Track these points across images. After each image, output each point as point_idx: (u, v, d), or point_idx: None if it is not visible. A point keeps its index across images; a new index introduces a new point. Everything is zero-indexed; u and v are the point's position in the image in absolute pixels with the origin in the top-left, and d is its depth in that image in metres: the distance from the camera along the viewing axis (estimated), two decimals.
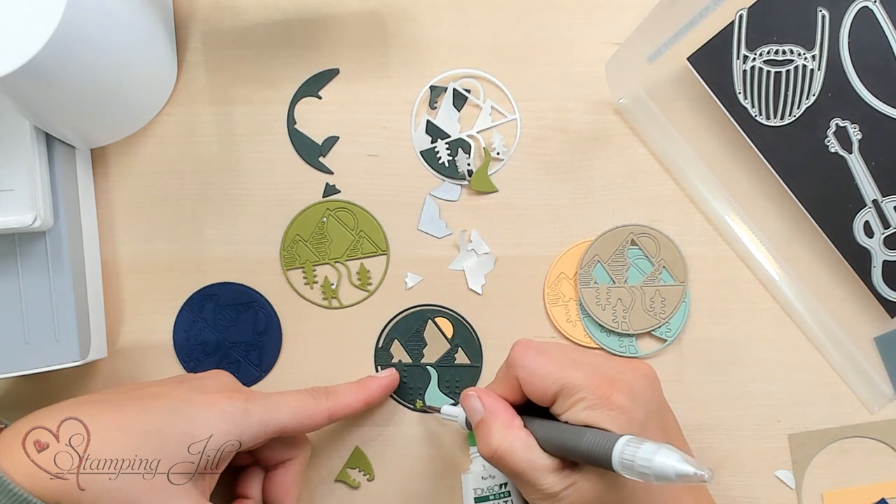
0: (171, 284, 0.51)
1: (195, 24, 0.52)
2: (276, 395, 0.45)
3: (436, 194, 0.51)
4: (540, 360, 0.41)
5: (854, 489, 0.50)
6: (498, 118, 0.51)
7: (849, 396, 0.50)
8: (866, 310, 0.49)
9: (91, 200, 0.51)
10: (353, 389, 0.47)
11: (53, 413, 0.40)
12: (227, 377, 0.46)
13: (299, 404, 0.44)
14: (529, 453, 0.39)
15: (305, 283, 0.51)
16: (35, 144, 0.45)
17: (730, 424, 0.50)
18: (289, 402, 0.44)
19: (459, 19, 0.51)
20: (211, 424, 0.41)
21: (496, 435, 0.40)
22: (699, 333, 0.51)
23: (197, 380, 0.45)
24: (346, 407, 0.46)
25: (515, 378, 0.41)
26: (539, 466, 0.39)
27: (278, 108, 0.52)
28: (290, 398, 0.45)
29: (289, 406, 0.44)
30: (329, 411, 0.45)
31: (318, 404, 0.45)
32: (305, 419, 0.44)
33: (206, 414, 0.41)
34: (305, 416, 0.44)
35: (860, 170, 0.47)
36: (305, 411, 0.44)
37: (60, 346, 0.46)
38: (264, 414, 0.43)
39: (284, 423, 0.44)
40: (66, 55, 0.40)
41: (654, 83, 0.50)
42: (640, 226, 0.51)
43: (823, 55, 0.46)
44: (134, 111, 0.50)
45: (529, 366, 0.41)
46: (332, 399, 0.46)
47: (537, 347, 0.41)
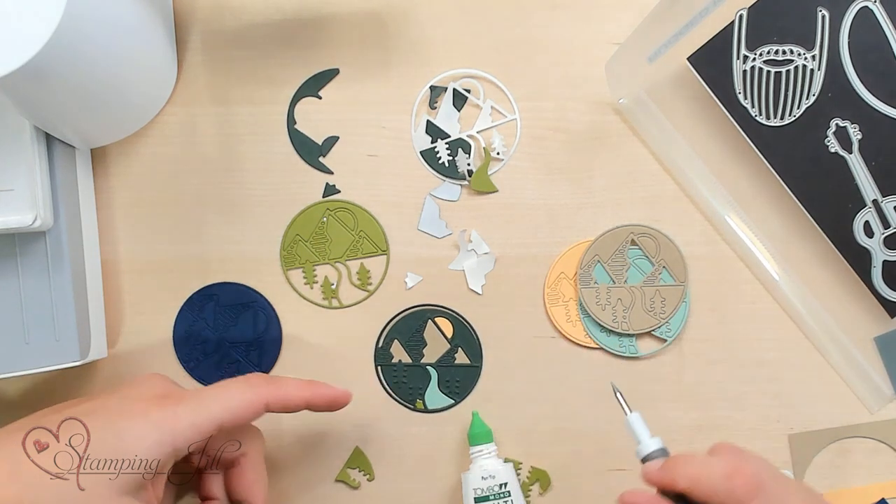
0: (171, 284, 0.51)
1: (195, 24, 0.52)
2: (209, 390, 0.43)
3: (436, 194, 0.51)
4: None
5: (854, 489, 0.50)
6: (498, 118, 0.51)
7: (849, 396, 0.50)
8: (866, 310, 0.49)
9: (91, 200, 0.51)
10: (298, 385, 0.45)
11: (49, 415, 0.40)
12: (159, 381, 0.44)
13: (234, 395, 0.43)
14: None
15: (305, 283, 0.51)
16: (35, 144, 0.45)
17: (730, 424, 0.50)
18: (221, 396, 0.42)
19: (459, 19, 0.51)
20: (142, 437, 0.40)
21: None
22: (699, 333, 0.51)
23: (129, 387, 0.44)
24: (284, 397, 0.44)
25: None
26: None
27: (278, 108, 0.52)
28: (223, 392, 0.43)
29: (221, 401, 0.42)
30: (266, 399, 0.43)
31: (255, 393, 0.43)
32: (241, 411, 0.42)
33: (137, 427, 0.40)
34: (241, 407, 0.42)
35: (860, 170, 0.47)
36: (241, 403, 0.42)
37: (60, 346, 0.46)
38: (195, 415, 0.41)
39: (219, 420, 0.42)
40: (66, 55, 0.40)
41: (654, 83, 0.50)
42: (640, 226, 0.51)
43: (823, 55, 0.46)
44: (134, 111, 0.50)
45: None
46: (272, 386, 0.44)
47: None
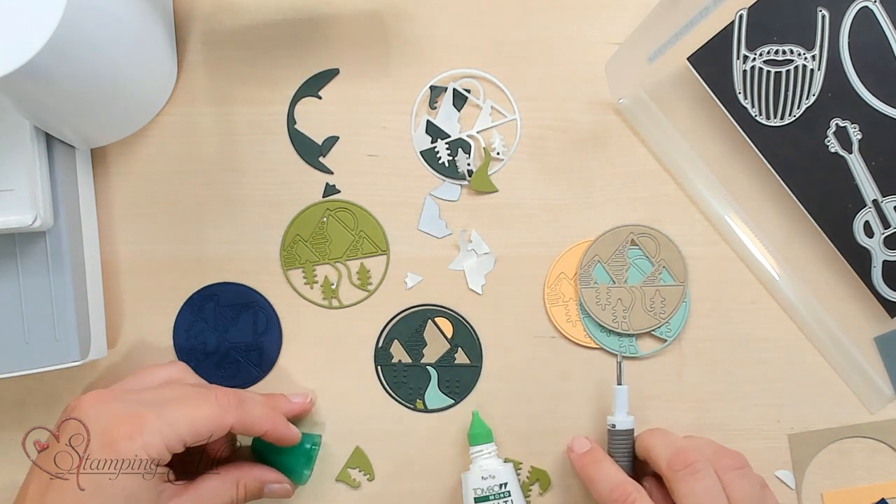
0: (171, 284, 0.51)
1: (195, 24, 0.52)
2: (181, 407, 0.43)
3: (436, 194, 0.51)
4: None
5: (854, 489, 0.50)
6: (498, 118, 0.51)
7: (849, 396, 0.50)
8: (866, 310, 0.49)
9: (91, 200, 0.51)
10: (262, 414, 0.46)
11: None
12: (159, 377, 0.46)
13: (202, 418, 0.43)
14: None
15: (305, 283, 0.51)
16: (35, 144, 0.45)
17: (730, 424, 0.50)
18: (190, 417, 0.43)
19: (459, 19, 0.51)
20: (130, 450, 0.41)
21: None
22: (699, 333, 0.51)
23: (134, 382, 0.46)
24: (248, 424, 0.45)
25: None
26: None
27: (278, 108, 0.52)
28: (193, 412, 0.43)
29: (189, 422, 0.43)
30: (231, 423, 0.44)
31: (222, 418, 0.44)
32: (206, 432, 0.43)
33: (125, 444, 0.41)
34: (207, 429, 0.43)
35: (860, 170, 0.47)
36: (207, 425, 0.43)
37: (60, 346, 0.46)
38: (165, 431, 0.42)
39: (183, 440, 0.42)
40: (66, 55, 0.40)
41: (654, 83, 0.50)
42: (640, 226, 0.51)
43: (823, 55, 0.46)
44: (134, 111, 0.50)
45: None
46: (240, 411, 0.44)
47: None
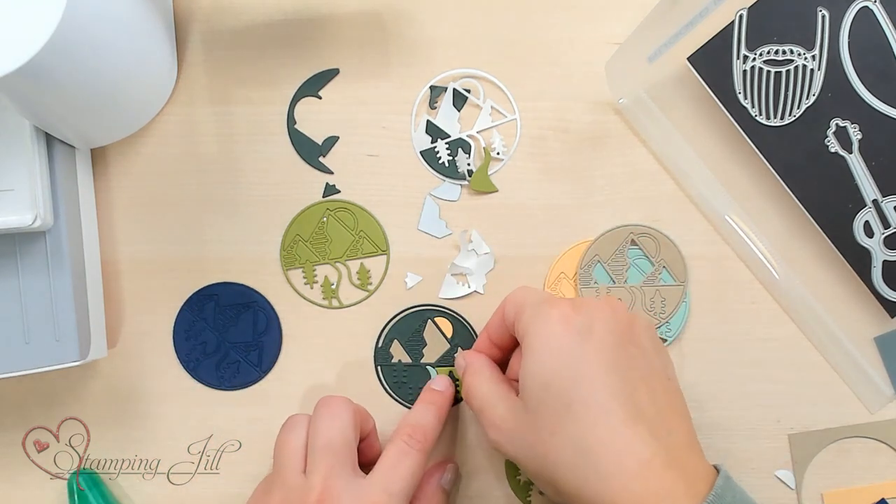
0: (171, 284, 0.51)
1: (195, 24, 0.52)
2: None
3: (436, 194, 0.51)
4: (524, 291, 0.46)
5: (854, 489, 0.50)
6: (498, 118, 0.51)
7: (849, 396, 0.50)
8: (866, 310, 0.49)
9: (91, 200, 0.51)
10: (438, 420, 0.47)
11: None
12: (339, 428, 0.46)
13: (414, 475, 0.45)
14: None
15: (305, 283, 0.51)
16: (35, 144, 0.45)
17: (729, 424, 0.50)
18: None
19: (459, 19, 0.51)
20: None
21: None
22: (699, 333, 0.51)
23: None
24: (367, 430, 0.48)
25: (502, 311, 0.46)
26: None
27: (278, 108, 0.52)
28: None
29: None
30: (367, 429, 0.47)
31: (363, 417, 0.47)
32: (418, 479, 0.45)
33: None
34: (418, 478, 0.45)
35: (860, 170, 0.47)
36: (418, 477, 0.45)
37: (60, 346, 0.46)
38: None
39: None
40: (66, 55, 0.40)
41: (654, 83, 0.50)
42: (640, 226, 0.51)
43: (823, 55, 0.46)
44: (134, 111, 0.50)
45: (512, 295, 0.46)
46: (426, 445, 0.46)
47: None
